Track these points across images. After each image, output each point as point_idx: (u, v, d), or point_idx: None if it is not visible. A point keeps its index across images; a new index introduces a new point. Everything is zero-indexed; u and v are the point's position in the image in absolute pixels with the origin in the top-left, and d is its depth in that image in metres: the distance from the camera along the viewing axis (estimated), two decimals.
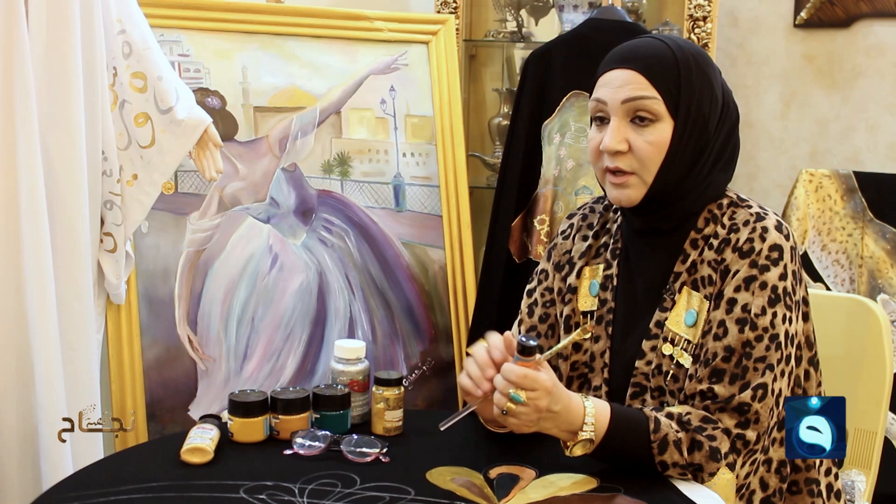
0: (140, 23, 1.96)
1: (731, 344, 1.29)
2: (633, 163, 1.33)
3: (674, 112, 1.32)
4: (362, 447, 1.30)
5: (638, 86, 1.32)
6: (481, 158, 2.83)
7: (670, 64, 1.32)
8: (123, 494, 1.15)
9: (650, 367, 1.35)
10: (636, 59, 1.33)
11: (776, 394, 1.29)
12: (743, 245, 1.32)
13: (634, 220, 1.41)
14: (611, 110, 1.34)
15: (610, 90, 1.34)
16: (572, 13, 2.67)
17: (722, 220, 1.36)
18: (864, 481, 1.60)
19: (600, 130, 1.36)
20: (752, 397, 1.27)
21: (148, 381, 2.08)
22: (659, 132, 1.32)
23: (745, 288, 1.30)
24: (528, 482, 1.22)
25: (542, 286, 1.52)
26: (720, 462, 1.25)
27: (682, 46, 1.35)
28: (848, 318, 1.66)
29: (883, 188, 2.49)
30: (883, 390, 1.61)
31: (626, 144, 1.32)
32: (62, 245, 1.83)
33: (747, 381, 1.27)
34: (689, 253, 1.36)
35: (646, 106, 1.32)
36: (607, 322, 1.41)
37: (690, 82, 1.32)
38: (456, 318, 2.40)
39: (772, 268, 1.30)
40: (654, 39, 1.37)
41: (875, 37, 2.76)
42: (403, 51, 2.44)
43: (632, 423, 1.26)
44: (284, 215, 2.27)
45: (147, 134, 1.96)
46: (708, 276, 1.34)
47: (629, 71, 1.33)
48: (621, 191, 1.35)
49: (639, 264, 1.41)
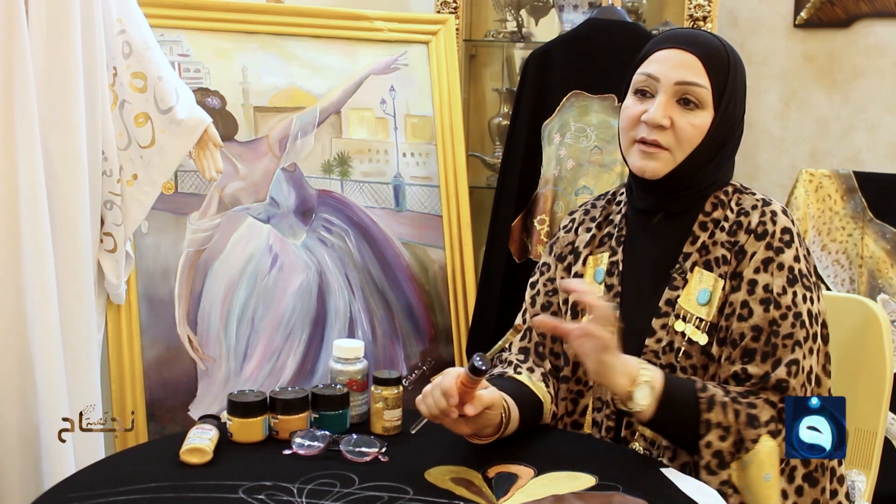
0: (140, 23, 1.96)
1: (757, 323, 1.32)
2: (670, 140, 1.38)
3: (717, 104, 1.37)
4: (361, 447, 1.30)
5: (695, 71, 1.36)
6: (481, 158, 2.83)
7: (724, 59, 1.39)
8: (123, 495, 1.15)
9: (660, 345, 1.37)
10: (697, 45, 1.38)
11: (807, 371, 1.32)
12: (756, 227, 1.36)
13: (645, 199, 1.44)
14: (662, 87, 1.38)
15: (666, 68, 1.37)
16: (572, 13, 2.67)
17: (730, 204, 1.41)
18: (864, 481, 1.59)
19: (641, 102, 1.40)
20: (787, 373, 1.30)
21: (148, 381, 2.08)
22: (702, 118, 1.37)
23: (763, 269, 1.34)
24: (527, 481, 1.22)
25: (544, 277, 1.55)
26: (759, 429, 1.27)
27: (731, 47, 1.42)
28: (848, 318, 1.66)
29: (883, 188, 2.49)
30: (883, 390, 1.61)
31: (670, 121, 1.37)
32: (62, 245, 1.83)
33: (779, 358, 1.30)
34: (699, 235, 1.40)
35: (696, 92, 1.37)
36: (614, 306, 1.43)
37: (735, 81, 1.39)
38: (456, 318, 2.40)
39: (786, 249, 1.35)
40: (708, 33, 1.43)
41: (875, 37, 2.76)
42: (403, 51, 2.44)
43: (681, 381, 1.31)
44: (284, 215, 2.27)
45: (147, 134, 1.96)
46: (722, 257, 1.37)
47: (689, 54, 1.37)
48: (649, 161, 1.39)
49: (645, 248, 1.45)
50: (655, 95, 1.38)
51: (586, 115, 2.30)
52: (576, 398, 1.48)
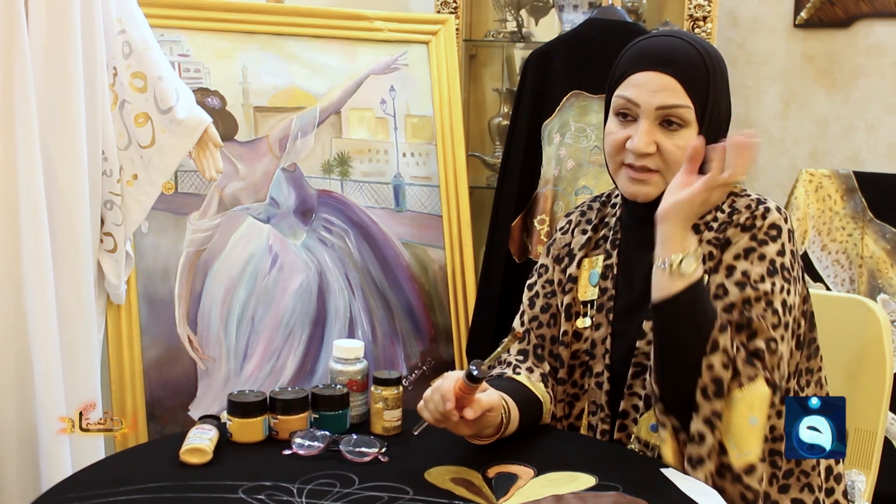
0: (140, 23, 1.96)
1: (732, 301, 1.31)
2: (658, 162, 1.36)
3: (700, 119, 1.35)
4: (361, 447, 1.30)
5: (674, 93, 1.34)
6: (481, 158, 2.83)
7: (703, 72, 1.35)
8: (123, 495, 1.15)
9: (650, 347, 1.36)
10: (673, 64, 1.34)
11: (779, 355, 1.29)
12: (745, 221, 1.35)
13: (639, 211, 1.43)
14: (642, 112, 1.35)
15: (645, 93, 1.34)
16: (572, 13, 2.67)
17: (721, 206, 1.39)
18: (864, 481, 1.59)
19: (623, 126, 1.38)
20: (764, 347, 1.28)
21: (148, 381, 2.08)
22: (686, 137, 1.34)
23: (744, 257, 1.33)
24: (527, 481, 1.22)
25: (542, 279, 1.55)
26: (755, 368, 1.25)
27: (708, 51, 1.38)
28: (848, 318, 1.66)
29: (883, 188, 2.49)
30: (883, 390, 1.61)
31: (655, 146, 1.35)
32: (62, 245, 1.83)
33: (753, 331, 1.29)
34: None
35: (678, 113, 1.34)
36: (608, 309, 1.44)
37: (717, 90, 1.37)
38: (456, 318, 2.40)
39: (770, 242, 1.33)
40: (684, 42, 1.37)
41: (875, 37, 2.76)
42: (403, 51, 2.44)
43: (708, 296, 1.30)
44: (284, 215, 2.27)
45: (147, 134, 1.96)
46: (708, 253, 1.36)
47: (666, 76, 1.34)
48: (641, 187, 1.38)
49: (639, 252, 1.43)
50: (637, 119, 1.36)
51: (586, 115, 2.30)
52: (571, 401, 1.48)
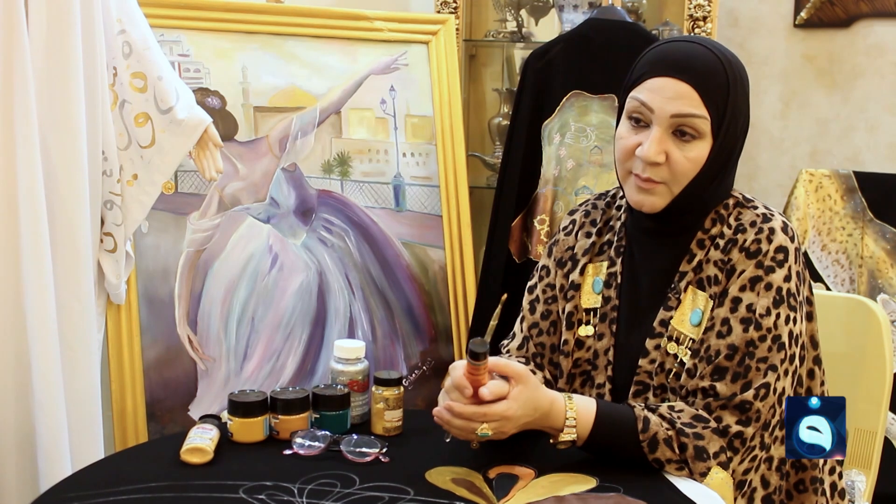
0: (140, 23, 1.96)
1: (734, 342, 1.29)
2: (666, 174, 1.31)
3: (716, 132, 1.31)
4: (362, 447, 1.30)
5: (691, 102, 1.28)
6: (481, 158, 2.83)
7: (723, 82, 1.30)
8: (123, 494, 1.15)
9: (653, 366, 1.35)
10: (692, 72, 1.29)
11: (779, 392, 1.29)
12: (750, 245, 1.32)
13: (645, 221, 1.40)
14: (656, 118, 1.30)
15: (661, 99, 1.29)
16: (572, 13, 2.67)
17: (728, 220, 1.36)
18: (864, 481, 1.60)
19: (635, 131, 1.33)
20: (754, 396, 1.27)
21: (148, 381, 2.08)
22: (699, 150, 1.31)
23: (750, 288, 1.30)
24: (528, 482, 1.22)
25: (543, 283, 1.52)
26: (707, 461, 1.25)
27: (731, 61, 1.32)
28: (848, 318, 1.66)
29: (883, 188, 2.49)
30: (883, 390, 1.61)
31: (664, 156, 1.30)
32: (62, 245, 1.83)
33: (749, 381, 1.27)
34: (696, 253, 1.36)
35: (693, 123, 1.29)
36: (611, 319, 1.41)
37: (736, 103, 1.31)
38: (456, 318, 2.40)
39: (777, 269, 1.30)
40: (706, 50, 1.32)
41: (875, 37, 2.76)
42: (403, 51, 2.44)
43: (618, 424, 1.27)
44: (284, 215, 2.27)
45: (147, 134, 1.96)
46: (714, 276, 1.34)
47: (684, 84, 1.28)
48: (646, 197, 1.34)
49: (644, 263, 1.41)
50: (650, 125, 1.31)
51: (586, 115, 2.30)
52: None
